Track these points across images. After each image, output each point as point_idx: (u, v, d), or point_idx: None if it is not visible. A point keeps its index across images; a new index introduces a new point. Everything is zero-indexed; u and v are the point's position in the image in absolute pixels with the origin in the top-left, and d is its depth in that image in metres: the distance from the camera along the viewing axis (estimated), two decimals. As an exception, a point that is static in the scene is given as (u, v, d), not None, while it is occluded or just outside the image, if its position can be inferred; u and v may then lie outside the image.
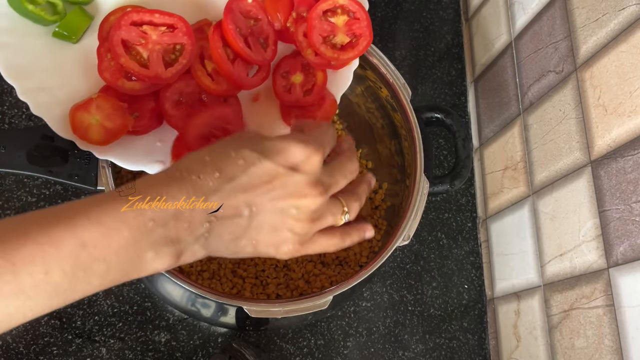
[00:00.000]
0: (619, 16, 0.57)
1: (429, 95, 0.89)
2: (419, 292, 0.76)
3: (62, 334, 0.63)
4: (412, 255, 0.78)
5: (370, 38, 0.54)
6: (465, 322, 0.77)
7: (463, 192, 0.84)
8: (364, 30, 0.54)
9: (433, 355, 0.73)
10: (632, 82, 0.55)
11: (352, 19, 0.54)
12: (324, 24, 0.52)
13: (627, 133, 0.55)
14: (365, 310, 0.73)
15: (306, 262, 0.71)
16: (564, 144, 0.65)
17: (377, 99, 0.73)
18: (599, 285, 0.57)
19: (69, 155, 0.56)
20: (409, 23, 0.94)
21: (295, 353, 0.69)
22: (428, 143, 0.67)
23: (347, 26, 0.53)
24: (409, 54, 0.91)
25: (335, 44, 0.54)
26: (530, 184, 0.72)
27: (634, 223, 0.53)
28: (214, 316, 0.63)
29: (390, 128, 0.73)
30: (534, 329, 0.68)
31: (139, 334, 0.65)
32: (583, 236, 0.60)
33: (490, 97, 0.85)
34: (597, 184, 0.59)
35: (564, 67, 0.66)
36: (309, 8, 0.54)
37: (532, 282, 0.69)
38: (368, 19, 0.54)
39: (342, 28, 0.53)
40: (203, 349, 0.66)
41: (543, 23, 0.72)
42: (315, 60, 0.54)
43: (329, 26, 0.53)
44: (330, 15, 0.53)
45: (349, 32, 0.54)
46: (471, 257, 0.81)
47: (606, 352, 0.56)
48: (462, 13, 0.96)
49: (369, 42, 0.54)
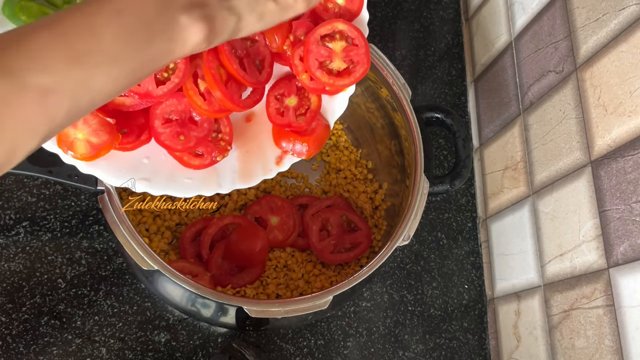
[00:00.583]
0: (619, 16, 0.57)
1: (429, 95, 0.89)
2: (419, 292, 0.76)
3: (62, 334, 0.63)
4: (412, 255, 0.78)
5: (367, 65, 0.53)
6: (465, 322, 0.76)
7: (463, 192, 0.84)
8: (361, 57, 0.53)
9: (433, 355, 0.73)
10: (632, 82, 0.55)
11: (351, 45, 0.53)
12: (320, 48, 0.52)
13: (627, 133, 0.55)
14: (365, 310, 0.73)
15: (306, 263, 0.71)
16: (564, 144, 0.65)
17: (377, 99, 0.73)
18: (599, 285, 0.57)
19: (69, 155, 0.56)
20: (409, 23, 0.93)
21: (295, 353, 0.69)
22: (428, 143, 0.67)
23: (345, 52, 0.52)
24: (409, 54, 0.91)
25: (332, 70, 0.53)
26: (531, 184, 0.72)
27: (634, 223, 0.53)
28: (214, 316, 0.63)
29: (390, 128, 0.73)
30: (534, 329, 0.68)
31: (139, 334, 0.65)
32: (583, 236, 0.60)
33: (490, 97, 0.85)
34: (597, 184, 0.59)
35: (564, 67, 0.66)
36: (307, 31, 0.53)
37: (532, 282, 0.69)
38: (367, 46, 0.53)
39: (339, 54, 0.53)
40: (203, 349, 0.66)
41: (543, 23, 0.72)
42: (310, 85, 0.54)
43: (326, 51, 0.52)
44: (328, 40, 0.52)
45: (346, 59, 0.53)
46: (471, 257, 0.81)
47: (606, 352, 0.56)
48: (462, 13, 0.96)
49: (366, 70, 0.53)
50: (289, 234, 0.71)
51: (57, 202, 0.68)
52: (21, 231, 0.66)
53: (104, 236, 0.68)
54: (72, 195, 0.69)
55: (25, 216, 0.67)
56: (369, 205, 0.76)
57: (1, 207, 0.66)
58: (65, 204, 0.68)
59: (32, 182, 0.68)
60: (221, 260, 0.67)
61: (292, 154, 0.56)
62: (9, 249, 0.65)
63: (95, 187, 0.57)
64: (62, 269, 0.65)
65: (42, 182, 0.68)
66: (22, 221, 0.66)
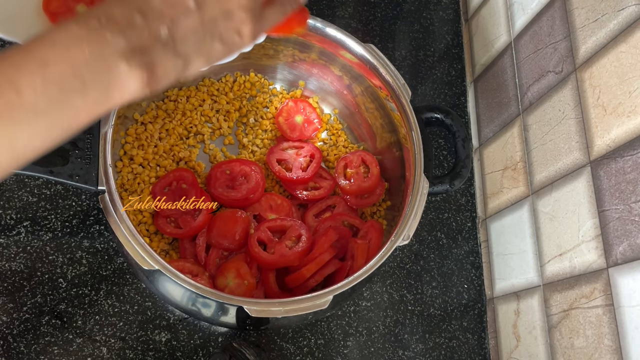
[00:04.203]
0: (619, 16, 0.58)
1: (429, 95, 0.89)
2: (418, 292, 0.76)
3: (63, 333, 0.63)
4: (412, 255, 0.78)
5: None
6: (465, 321, 0.77)
7: (463, 192, 0.84)
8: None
9: (433, 355, 0.74)
10: (631, 82, 0.55)
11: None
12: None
13: (627, 133, 0.55)
14: (365, 310, 0.73)
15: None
16: (564, 144, 0.65)
17: (377, 99, 0.73)
18: (599, 285, 0.57)
19: (70, 156, 0.56)
20: (409, 23, 0.94)
21: (296, 352, 0.69)
22: (428, 143, 0.68)
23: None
24: (409, 55, 0.91)
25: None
26: (530, 184, 0.72)
27: (633, 223, 0.53)
28: (214, 316, 0.63)
29: (390, 128, 0.73)
30: (533, 328, 0.68)
31: (140, 333, 0.65)
32: (582, 236, 0.60)
33: (489, 97, 0.85)
34: (596, 184, 0.59)
35: (564, 67, 0.67)
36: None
37: (531, 282, 0.70)
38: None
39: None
40: (203, 349, 0.66)
41: (542, 23, 0.72)
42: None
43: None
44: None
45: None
46: (471, 257, 0.81)
47: (606, 352, 0.56)
48: (461, 13, 0.97)
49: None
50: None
51: (58, 202, 0.68)
52: (22, 231, 0.66)
53: (105, 236, 0.68)
54: (73, 195, 0.69)
55: (26, 216, 0.67)
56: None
57: (2, 207, 0.67)
58: (66, 204, 0.69)
59: (33, 182, 0.68)
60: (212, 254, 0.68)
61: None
62: (10, 249, 0.65)
63: (96, 187, 0.57)
64: (63, 268, 0.66)
65: (43, 182, 0.69)
66: (23, 221, 0.66)
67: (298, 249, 0.65)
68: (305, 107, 0.78)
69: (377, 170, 0.74)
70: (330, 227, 0.70)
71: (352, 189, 0.73)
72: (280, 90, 0.81)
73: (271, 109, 0.79)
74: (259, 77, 0.80)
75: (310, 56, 0.75)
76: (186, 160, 0.73)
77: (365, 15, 0.92)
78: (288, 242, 0.66)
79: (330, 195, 0.75)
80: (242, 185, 0.70)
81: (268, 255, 0.65)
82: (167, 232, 0.66)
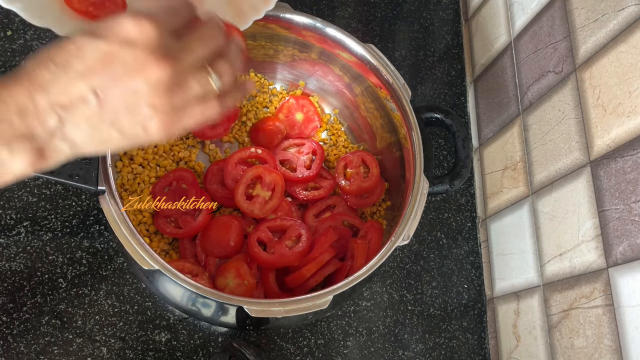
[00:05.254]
0: (619, 16, 0.58)
1: (429, 95, 0.89)
2: (418, 292, 0.76)
3: (63, 333, 0.63)
4: (412, 255, 0.78)
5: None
6: (464, 321, 0.77)
7: (463, 192, 0.84)
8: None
9: (433, 355, 0.74)
10: (631, 82, 0.55)
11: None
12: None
13: (627, 133, 0.55)
14: (365, 310, 0.73)
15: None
16: (564, 144, 0.65)
17: (377, 99, 0.73)
18: (599, 285, 0.57)
19: (70, 155, 0.56)
20: (408, 23, 0.94)
21: (296, 352, 0.69)
22: (428, 143, 0.68)
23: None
24: (409, 55, 0.91)
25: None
26: (530, 184, 0.72)
27: (633, 223, 0.53)
28: (214, 316, 0.63)
29: (390, 128, 0.73)
30: (533, 328, 0.68)
31: (140, 333, 0.65)
32: (582, 236, 0.60)
33: (489, 97, 0.85)
34: (596, 184, 0.59)
35: (564, 67, 0.67)
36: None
37: (531, 282, 0.70)
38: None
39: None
40: (203, 349, 0.66)
41: (542, 23, 0.72)
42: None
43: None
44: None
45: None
46: (471, 257, 0.81)
47: (605, 352, 0.56)
48: (461, 13, 0.97)
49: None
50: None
51: (58, 202, 0.68)
52: (22, 231, 0.66)
53: (105, 236, 0.68)
54: (73, 195, 0.69)
55: (26, 216, 0.67)
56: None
57: (2, 207, 0.67)
58: (66, 204, 0.68)
59: (33, 182, 0.68)
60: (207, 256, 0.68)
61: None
62: (10, 249, 0.65)
63: (96, 187, 0.57)
64: (63, 268, 0.66)
65: (43, 182, 0.69)
66: (23, 221, 0.66)
67: (298, 249, 0.65)
68: (306, 104, 0.78)
69: (377, 170, 0.74)
70: (330, 227, 0.70)
71: (352, 189, 0.73)
72: (280, 90, 0.81)
73: (271, 109, 0.79)
74: (258, 77, 0.80)
75: (310, 56, 0.75)
76: (186, 160, 0.73)
77: (365, 15, 0.92)
78: (288, 242, 0.66)
79: (330, 195, 0.75)
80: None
81: (268, 255, 0.65)
82: (167, 232, 0.66)
